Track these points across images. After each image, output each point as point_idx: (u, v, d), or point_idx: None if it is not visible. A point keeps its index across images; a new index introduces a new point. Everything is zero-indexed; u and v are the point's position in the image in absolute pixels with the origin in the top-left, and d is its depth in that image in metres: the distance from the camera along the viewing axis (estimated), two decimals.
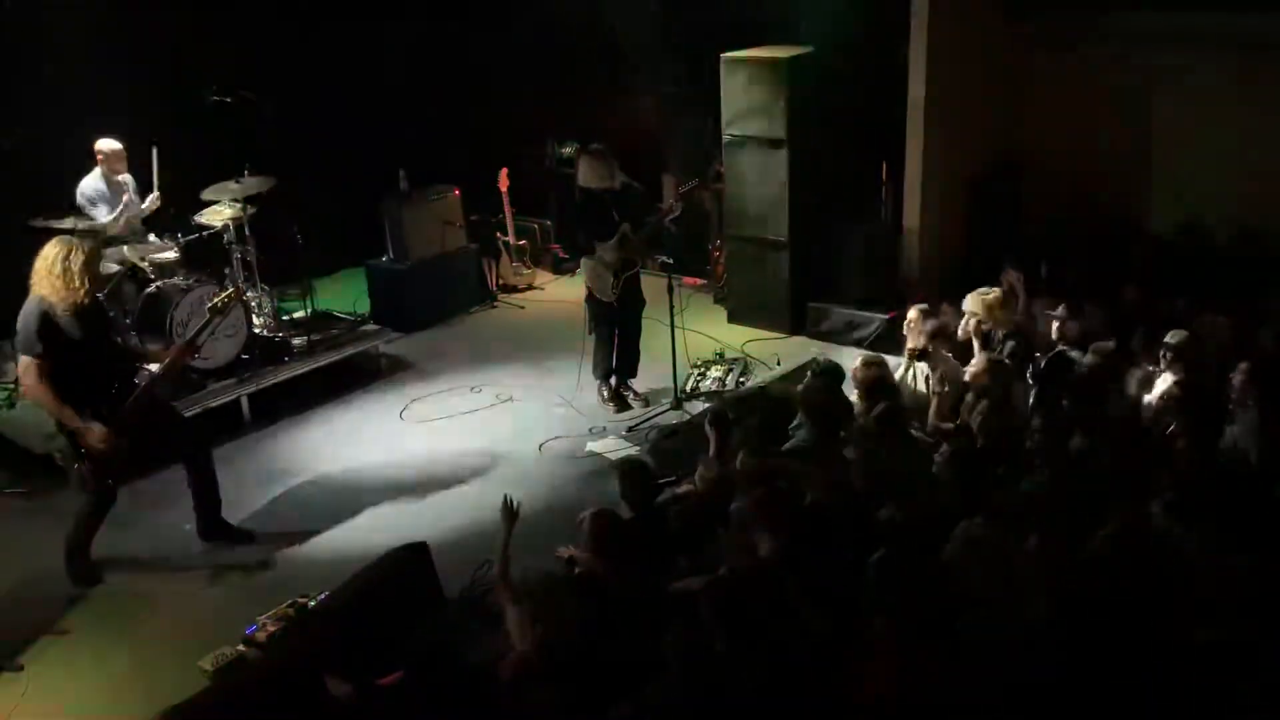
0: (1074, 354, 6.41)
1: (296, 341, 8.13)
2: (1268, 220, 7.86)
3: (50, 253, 5.28)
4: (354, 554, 5.66)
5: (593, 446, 7.08)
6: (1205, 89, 8.10)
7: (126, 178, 7.71)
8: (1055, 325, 6.71)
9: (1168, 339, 6.03)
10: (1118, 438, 5.29)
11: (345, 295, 9.55)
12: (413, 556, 5.23)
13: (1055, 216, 8.83)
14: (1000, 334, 6.70)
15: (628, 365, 7.68)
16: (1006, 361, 6.14)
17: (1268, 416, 5.31)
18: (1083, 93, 8.64)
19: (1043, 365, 6.38)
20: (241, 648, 5.04)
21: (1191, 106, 8.21)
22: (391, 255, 9.36)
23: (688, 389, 7.65)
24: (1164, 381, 6.00)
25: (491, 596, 4.74)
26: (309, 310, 8.65)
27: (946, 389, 6.41)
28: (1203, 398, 5.52)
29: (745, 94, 8.38)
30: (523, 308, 9.89)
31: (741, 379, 7.85)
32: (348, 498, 6.62)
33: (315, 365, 8.05)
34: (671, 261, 7.41)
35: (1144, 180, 8.60)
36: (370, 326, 8.74)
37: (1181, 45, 8.06)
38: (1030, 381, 6.32)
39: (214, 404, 7.37)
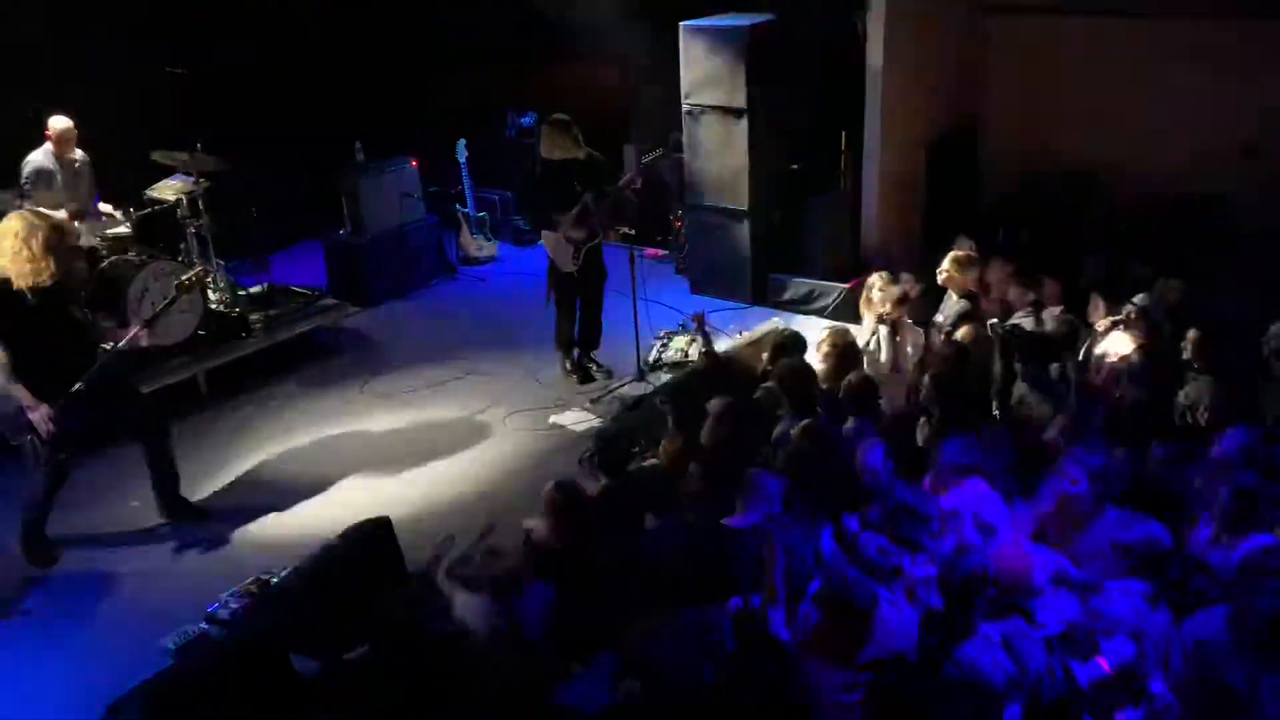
0: (1028, 322, 6.49)
1: (253, 317, 8.03)
2: (1220, 184, 7.99)
3: (9, 228, 5.16)
4: (317, 530, 5.62)
5: (557, 419, 7.08)
6: (1160, 53, 8.19)
7: (79, 155, 7.53)
8: (1011, 291, 6.77)
9: (1136, 300, 6.12)
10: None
11: (302, 269, 9.43)
12: (376, 532, 5.21)
13: (1013, 182, 8.92)
14: (954, 295, 6.78)
15: (590, 337, 7.66)
16: (991, 334, 6.19)
17: (1217, 380, 5.42)
18: (1039, 57, 8.71)
19: (1000, 331, 6.45)
20: (204, 626, 5.01)
21: (1145, 70, 8.30)
22: (349, 228, 9.25)
23: (651, 360, 7.66)
24: (1118, 343, 6.10)
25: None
26: (265, 285, 8.55)
27: (911, 353, 6.48)
28: (1158, 361, 5.63)
29: (705, 63, 8.34)
30: (483, 280, 9.83)
31: (704, 350, 7.84)
32: (309, 473, 6.57)
33: (273, 341, 7.96)
34: (633, 232, 7.39)
35: (1100, 145, 8.68)
36: (328, 301, 8.64)
37: (1136, 10, 8.15)
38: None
39: (172, 381, 7.27)
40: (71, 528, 5.88)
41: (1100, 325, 6.29)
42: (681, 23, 8.40)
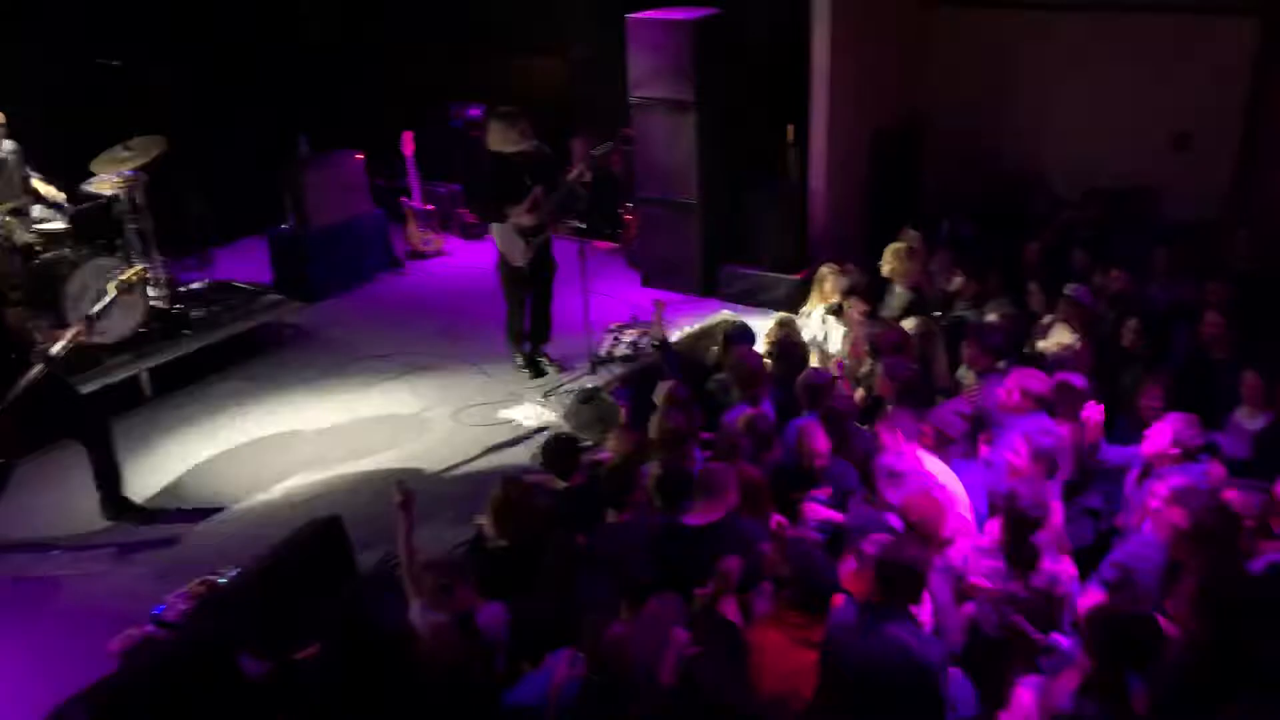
0: (972, 313, 6.60)
1: (196, 314, 7.89)
2: (1154, 175, 8.17)
3: None
4: (265, 529, 5.56)
5: (508, 413, 7.05)
6: (1100, 46, 8.35)
7: (8, 145, 7.32)
8: (956, 283, 6.88)
9: (1067, 289, 6.25)
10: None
11: (246, 265, 9.29)
12: (325, 530, 5.16)
13: (956, 174, 9.04)
14: (899, 287, 6.88)
15: (541, 330, 7.64)
16: (936, 328, 6.29)
17: (1155, 367, 5.56)
18: (982, 50, 8.83)
19: (942, 324, 6.56)
20: (150, 628, 4.91)
21: (1085, 63, 8.46)
22: (293, 223, 9.12)
23: (603, 353, 7.66)
24: (1058, 333, 6.24)
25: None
26: (208, 281, 8.38)
27: (858, 344, 6.55)
28: (1100, 350, 5.77)
29: (652, 56, 8.34)
30: (431, 274, 9.75)
31: (655, 342, 7.85)
32: (256, 472, 6.48)
33: (217, 338, 7.83)
34: (583, 226, 7.38)
35: (1042, 137, 8.83)
36: (272, 296, 8.52)
37: (1079, 5, 8.30)
38: None
39: (113, 380, 7.12)
40: (12, 530, 5.75)
41: (1045, 318, 6.42)
42: (628, 15, 8.39)
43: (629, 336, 7.81)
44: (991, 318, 6.44)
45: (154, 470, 6.48)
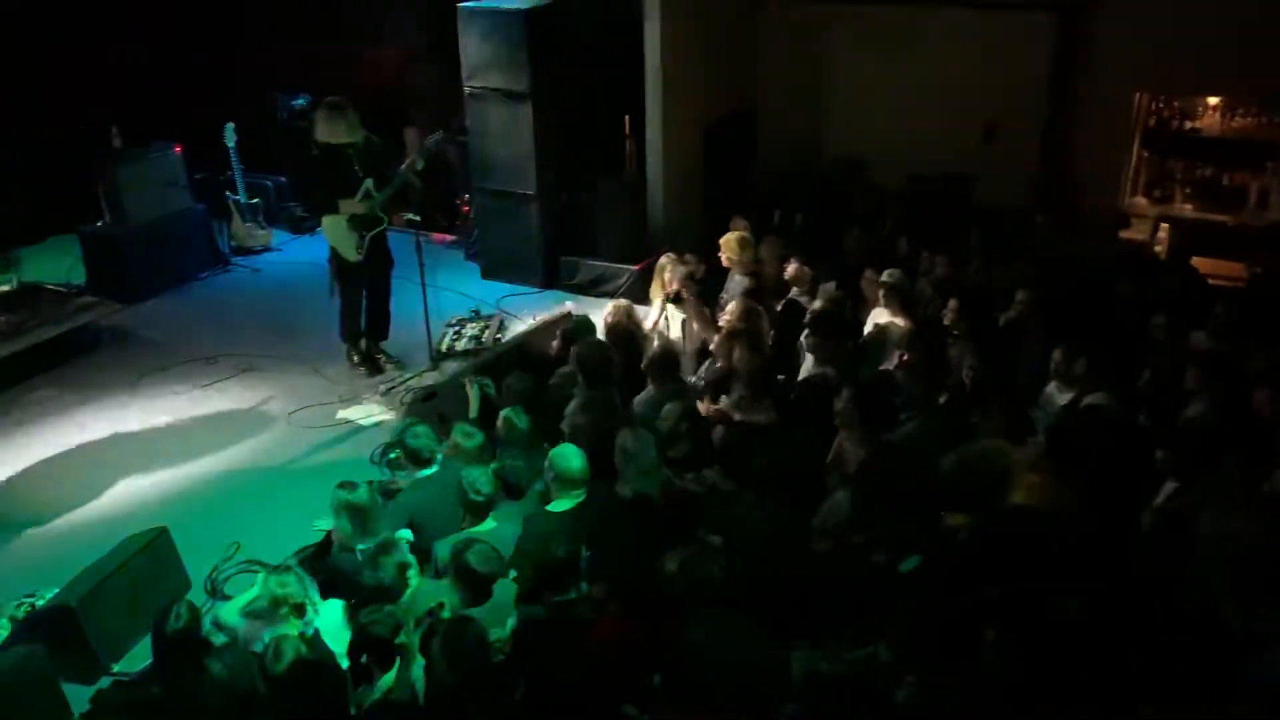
0: (805, 299, 6.82)
1: (3, 318, 7.37)
2: (966, 163, 8.62)
3: None
4: (87, 543, 5.25)
5: (345, 413, 6.87)
6: (916, 39, 8.74)
7: None
8: (788, 270, 7.08)
9: (884, 277, 6.53)
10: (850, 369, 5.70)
11: (56, 265, 8.72)
12: (153, 542, 4.92)
13: (785, 164, 9.31)
14: (737, 275, 7.04)
15: (378, 327, 7.46)
16: (759, 306, 6.46)
17: (976, 346, 5.87)
18: (809, 44, 9.12)
19: (778, 310, 6.75)
20: None
21: (903, 56, 8.84)
22: (108, 219, 8.61)
23: (443, 348, 7.54)
24: (880, 315, 6.53)
25: None
26: (14, 284, 7.84)
27: (697, 331, 6.68)
28: (927, 331, 6.05)
29: (485, 46, 8.25)
30: (259, 270, 9.38)
31: (498, 335, 7.81)
32: (76, 483, 6.13)
33: (28, 343, 7.34)
34: (418, 218, 7.25)
35: (864, 127, 9.18)
36: (87, 298, 8.03)
37: (900, 3, 8.67)
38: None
39: None
40: None
41: (869, 310, 6.70)
42: (459, 4, 8.27)
43: (470, 330, 7.72)
44: (818, 303, 6.66)
45: None
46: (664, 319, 6.95)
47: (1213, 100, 8.55)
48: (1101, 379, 5.33)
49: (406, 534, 4.53)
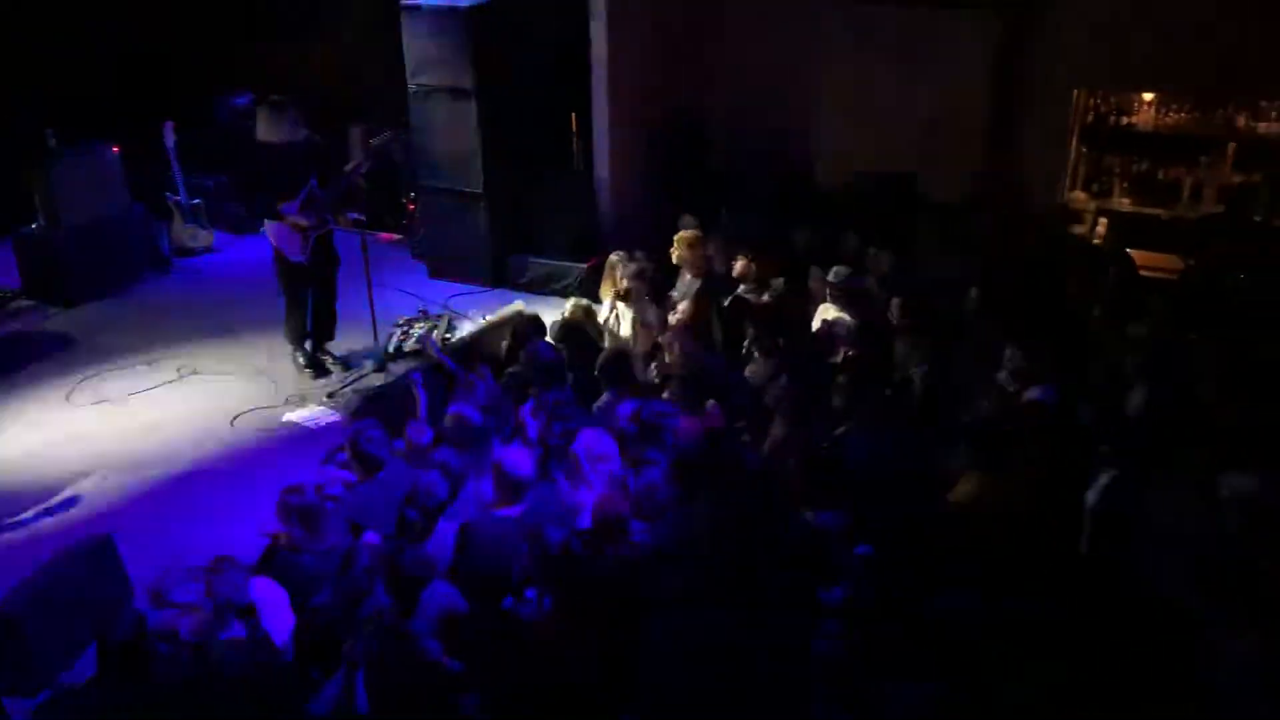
0: (753, 295, 6.86)
1: None
2: (909, 161, 8.72)
3: None
4: (27, 553, 5.11)
5: (291, 416, 6.77)
6: (862, 38, 8.82)
7: None
8: (736, 267, 7.11)
9: (830, 276, 6.60)
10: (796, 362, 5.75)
11: None
12: (96, 550, 4.80)
13: (734, 162, 9.35)
14: (688, 274, 7.07)
15: (324, 328, 7.37)
16: (710, 305, 6.51)
17: (919, 341, 5.95)
18: (755, 42, 9.16)
19: (726, 305, 6.79)
20: None
21: (849, 55, 8.92)
22: (42, 222, 8.40)
23: (391, 349, 7.46)
24: (827, 312, 6.60)
25: None
26: None
27: (648, 330, 6.69)
28: (874, 327, 6.13)
29: (429, 43, 8.18)
30: (200, 272, 9.21)
31: (447, 335, 7.75)
32: (13, 493, 5.97)
33: None
34: (364, 218, 7.17)
35: (810, 125, 9.25)
36: (23, 303, 7.83)
37: (849, 8, 8.74)
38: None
39: None
40: None
41: (816, 307, 6.77)
42: (402, 1, 8.18)
43: (417, 331, 7.65)
44: (767, 297, 6.72)
45: None
46: (614, 317, 6.95)
47: (1148, 96, 8.73)
48: (1047, 372, 5.43)
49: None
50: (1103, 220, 8.73)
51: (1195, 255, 7.62)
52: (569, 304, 6.52)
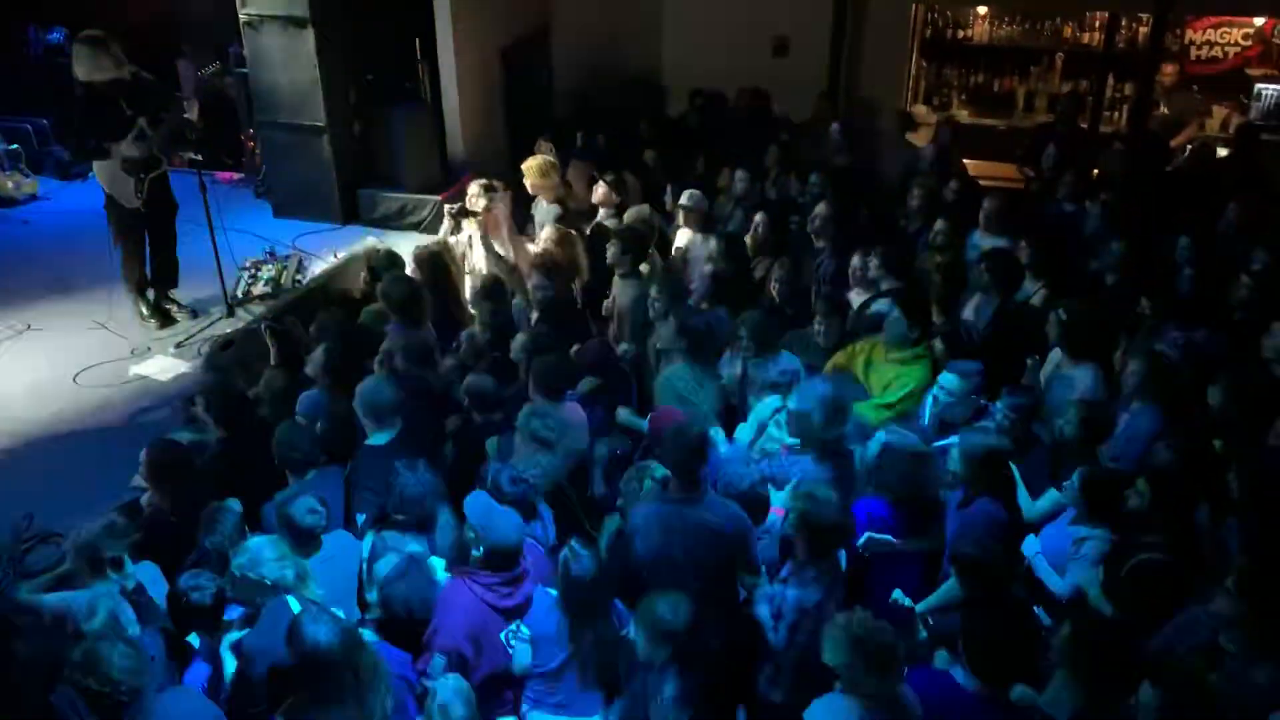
0: (613, 221, 6.87)
1: None
2: (758, 80, 8.81)
3: None
4: None
5: (138, 369, 6.48)
6: None
7: None
8: (596, 193, 7.09)
9: (682, 199, 6.67)
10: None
11: None
12: None
13: (588, 83, 9.26)
14: (544, 201, 7.02)
15: (166, 275, 7.03)
16: (573, 232, 6.49)
17: (782, 259, 6.12)
18: None
19: (588, 232, 6.78)
20: None
21: None
22: None
23: (239, 294, 7.19)
24: (681, 236, 6.68)
25: None
26: None
27: (509, 258, 6.65)
28: (731, 246, 6.25)
29: None
30: (26, 222, 8.64)
31: (298, 276, 7.50)
32: None
33: None
34: (200, 157, 6.82)
35: (658, 47, 9.22)
36: None
37: None
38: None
39: None
40: None
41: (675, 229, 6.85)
42: None
43: (266, 273, 7.38)
44: (626, 222, 6.74)
45: None
46: (470, 247, 6.86)
47: (982, 10, 9.00)
48: (893, 282, 5.66)
49: (235, 504, 4.36)
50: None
51: (1031, 164, 7.90)
52: (423, 241, 6.41)
